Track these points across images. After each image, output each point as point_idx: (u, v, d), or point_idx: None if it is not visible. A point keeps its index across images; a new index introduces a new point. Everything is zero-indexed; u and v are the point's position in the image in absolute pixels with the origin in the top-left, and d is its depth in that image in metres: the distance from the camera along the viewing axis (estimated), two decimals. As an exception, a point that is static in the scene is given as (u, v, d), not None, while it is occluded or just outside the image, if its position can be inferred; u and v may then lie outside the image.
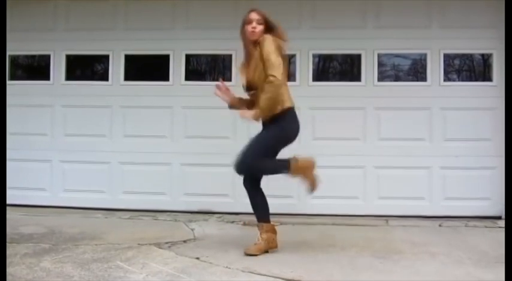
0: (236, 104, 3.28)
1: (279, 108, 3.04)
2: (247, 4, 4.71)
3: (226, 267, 2.83)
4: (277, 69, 2.97)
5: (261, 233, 3.14)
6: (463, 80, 4.59)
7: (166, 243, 3.36)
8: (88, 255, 3.05)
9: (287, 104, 3.08)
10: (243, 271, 2.76)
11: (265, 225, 3.16)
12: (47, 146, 4.69)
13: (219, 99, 3.25)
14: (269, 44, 3.02)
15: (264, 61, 3.01)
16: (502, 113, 4.17)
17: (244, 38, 3.15)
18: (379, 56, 4.48)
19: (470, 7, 4.37)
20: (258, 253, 3.05)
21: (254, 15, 3.14)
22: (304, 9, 4.49)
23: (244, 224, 4.06)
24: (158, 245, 3.31)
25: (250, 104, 3.19)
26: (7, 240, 3.01)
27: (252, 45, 3.12)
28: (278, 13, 3.38)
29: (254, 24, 3.10)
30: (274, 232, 3.19)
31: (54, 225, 3.88)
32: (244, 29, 3.14)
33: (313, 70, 4.55)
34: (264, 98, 2.98)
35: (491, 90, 4.35)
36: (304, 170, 3.10)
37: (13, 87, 4.50)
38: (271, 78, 2.96)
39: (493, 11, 4.30)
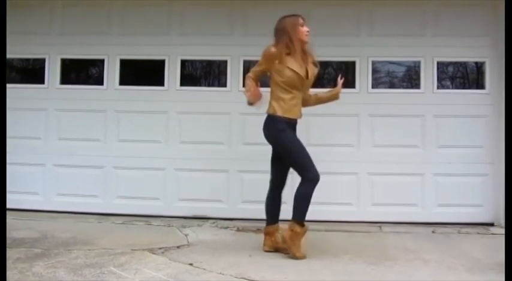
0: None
1: None
2: (242, 11, 4.73)
3: (220, 273, 2.83)
4: None
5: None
6: (456, 88, 4.61)
7: (160, 249, 3.36)
8: (81, 260, 3.04)
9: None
10: (236, 277, 2.76)
11: None
12: (40, 150, 4.66)
13: (214, 104, 3.23)
14: None
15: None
16: (494, 121, 4.24)
17: (294, 34, 3.28)
18: (373, 63, 4.50)
19: (463, 16, 4.40)
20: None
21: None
22: (299, 16, 4.51)
23: (238, 230, 4.06)
24: (151, 250, 3.30)
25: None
26: (-1, 245, 2.99)
27: (304, 45, 3.34)
28: (272, 20, 3.40)
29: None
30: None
31: (47, 229, 3.86)
32: (297, 28, 3.29)
33: (308, 77, 4.57)
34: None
35: (484, 98, 4.39)
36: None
37: (7, 90, 4.47)
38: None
39: (486, 19, 4.34)
